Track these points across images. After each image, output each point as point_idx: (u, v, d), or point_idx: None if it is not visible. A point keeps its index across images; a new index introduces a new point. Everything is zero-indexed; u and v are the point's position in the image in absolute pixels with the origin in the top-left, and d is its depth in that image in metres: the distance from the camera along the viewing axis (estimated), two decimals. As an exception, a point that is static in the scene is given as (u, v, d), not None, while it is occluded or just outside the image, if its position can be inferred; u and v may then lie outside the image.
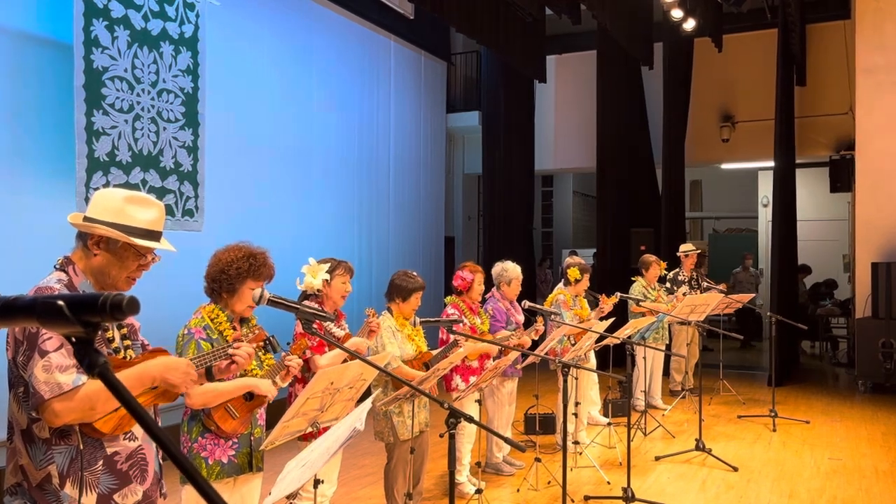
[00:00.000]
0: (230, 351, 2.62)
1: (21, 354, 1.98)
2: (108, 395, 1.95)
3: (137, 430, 2.16)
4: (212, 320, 2.97)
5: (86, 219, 2.16)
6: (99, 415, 2.01)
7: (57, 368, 1.95)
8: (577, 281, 6.25)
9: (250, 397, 2.94)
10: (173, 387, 2.17)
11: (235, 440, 2.97)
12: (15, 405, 2.05)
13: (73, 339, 0.96)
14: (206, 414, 2.87)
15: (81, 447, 2.02)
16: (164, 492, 2.31)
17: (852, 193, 10.81)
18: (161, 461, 2.30)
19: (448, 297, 5.29)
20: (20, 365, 1.99)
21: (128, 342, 2.26)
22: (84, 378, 1.98)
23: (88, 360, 0.94)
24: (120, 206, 2.17)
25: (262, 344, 2.87)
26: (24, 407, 2.02)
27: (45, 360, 1.95)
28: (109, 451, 2.08)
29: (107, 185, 5.69)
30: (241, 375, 2.90)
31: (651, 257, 7.86)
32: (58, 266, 2.17)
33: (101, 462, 2.07)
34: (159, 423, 2.34)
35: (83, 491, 2.02)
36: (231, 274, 2.97)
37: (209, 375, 2.59)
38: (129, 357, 2.22)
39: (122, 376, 2.03)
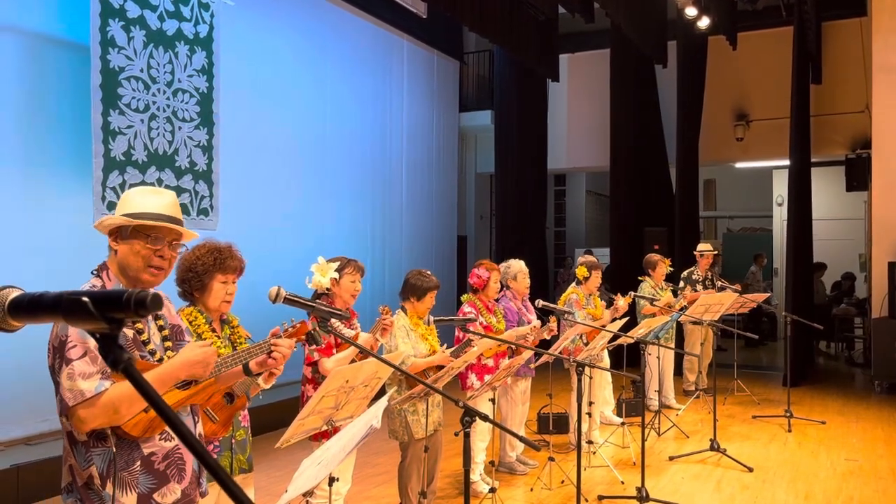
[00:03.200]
0: (273, 342, 2.57)
1: (56, 362, 2.03)
2: (131, 398, 1.99)
3: None
4: (190, 323, 2.94)
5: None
6: (125, 418, 2.03)
7: (80, 376, 1.99)
8: (586, 279, 6.23)
9: (231, 400, 2.88)
10: (200, 378, 2.22)
11: (216, 443, 2.94)
12: (58, 409, 2.09)
13: (98, 336, 0.96)
14: None
15: (115, 450, 2.05)
16: (204, 489, 2.33)
17: (868, 192, 10.71)
18: None
19: (464, 296, 5.29)
20: (55, 371, 2.04)
21: (168, 343, 2.26)
22: (107, 384, 2.01)
23: (113, 356, 0.95)
24: (129, 197, 2.22)
25: (304, 338, 2.75)
26: (60, 412, 2.07)
27: (69, 367, 1.99)
28: (146, 451, 2.12)
29: (123, 184, 5.73)
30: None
31: (656, 256, 7.81)
32: (94, 272, 2.21)
33: (138, 462, 2.10)
34: (197, 424, 2.35)
35: (123, 491, 2.06)
36: (199, 270, 2.95)
37: (246, 371, 2.57)
38: (166, 359, 2.21)
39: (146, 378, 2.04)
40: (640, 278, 7.77)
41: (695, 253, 8.43)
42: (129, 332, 2.15)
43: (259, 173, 7.54)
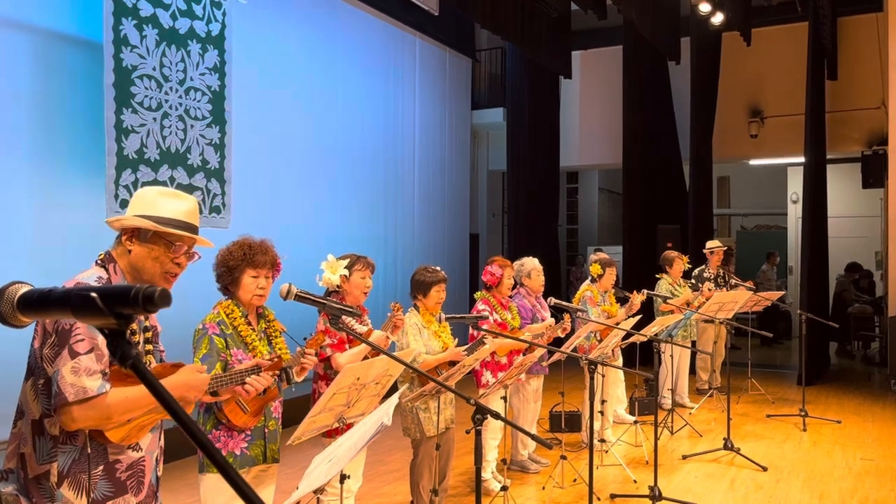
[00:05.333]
0: (247, 380, 2.75)
1: (48, 347, 1.96)
2: (126, 407, 1.98)
3: (143, 441, 2.15)
4: (227, 315, 3.02)
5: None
6: (113, 425, 2.00)
7: (85, 372, 1.94)
8: (599, 276, 6.21)
9: (263, 391, 2.96)
10: (187, 402, 2.20)
11: (248, 433, 3.01)
12: (31, 394, 2.02)
13: (106, 332, 0.96)
14: (217, 407, 2.92)
15: (89, 450, 2.01)
16: (160, 502, 2.30)
17: (885, 189, 10.60)
18: (158, 474, 2.27)
19: (478, 293, 5.29)
20: (46, 357, 1.96)
21: (149, 346, 2.24)
22: (108, 386, 1.98)
23: (121, 352, 0.95)
24: (152, 199, 2.19)
25: (277, 372, 2.95)
26: (41, 398, 2.00)
27: (76, 361, 1.94)
28: (111, 458, 2.07)
29: (135, 182, 5.76)
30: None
31: (673, 253, 7.77)
32: (99, 262, 2.17)
33: (101, 467, 2.05)
34: (162, 438, 2.31)
35: (78, 494, 2.00)
36: (231, 265, 3.04)
37: (213, 394, 2.68)
38: (147, 363, 2.20)
39: (142, 390, 2.01)
40: (657, 276, 7.72)
41: (704, 251, 8.38)
42: None
43: (271, 171, 7.55)
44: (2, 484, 2.04)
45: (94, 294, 0.92)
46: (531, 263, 5.67)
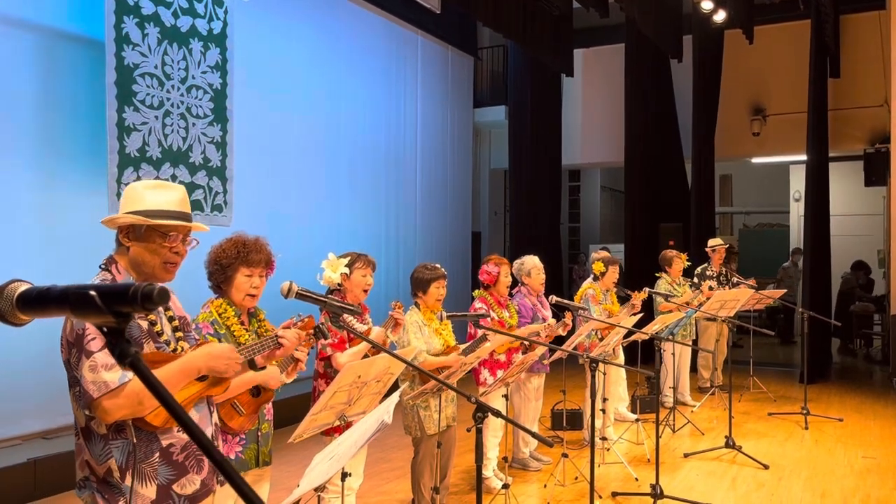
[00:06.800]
0: (279, 333, 2.68)
1: (72, 356, 2.04)
2: None
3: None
4: (219, 315, 2.94)
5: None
6: (148, 409, 2.05)
7: (102, 367, 2.00)
8: (602, 274, 6.20)
9: (257, 393, 2.90)
10: (220, 373, 2.20)
11: (243, 436, 2.95)
12: (74, 404, 2.10)
13: (105, 329, 0.96)
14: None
15: (135, 440, 2.07)
16: (221, 478, 2.34)
17: (888, 187, 10.58)
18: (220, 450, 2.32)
19: (476, 291, 5.27)
20: (73, 366, 2.04)
21: (180, 334, 2.28)
22: (130, 375, 2.01)
23: (120, 350, 0.95)
24: (140, 194, 2.21)
25: (311, 332, 2.86)
26: (80, 406, 2.07)
27: (91, 360, 1.99)
28: (165, 443, 2.13)
29: (137, 180, 5.77)
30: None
31: (671, 252, 7.76)
32: (103, 266, 2.21)
33: (157, 454, 2.12)
34: (214, 415, 2.36)
35: (143, 483, 2.08)
36: (223, 263, 2.95)
37: (252, 365, 2.61)
38: (180, 349, 2.23)
39: (166, 369, 2.07)
40: (656, 275, 7.71)
41: (706, 249, 8.37)
42: (143, 323, 2.16)
43: (273, 169, 7.56)
44: (78, 491, 2.14)
45: (92, 292, 0.92)
46: (531, 262, 5.65)
